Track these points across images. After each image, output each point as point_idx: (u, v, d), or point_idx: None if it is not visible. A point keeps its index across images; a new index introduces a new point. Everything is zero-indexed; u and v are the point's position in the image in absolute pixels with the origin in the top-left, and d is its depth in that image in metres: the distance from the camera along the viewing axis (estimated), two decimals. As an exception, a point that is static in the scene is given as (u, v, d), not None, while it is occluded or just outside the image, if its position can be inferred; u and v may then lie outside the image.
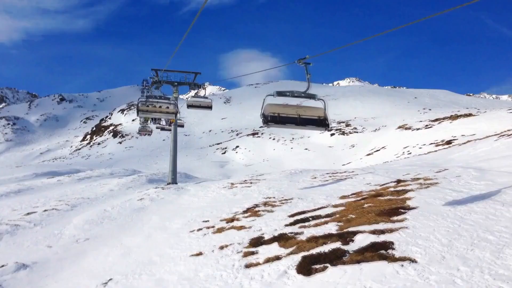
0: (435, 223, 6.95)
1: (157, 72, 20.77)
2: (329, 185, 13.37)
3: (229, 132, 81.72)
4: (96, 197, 18.37)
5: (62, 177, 26.91)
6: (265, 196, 13.24)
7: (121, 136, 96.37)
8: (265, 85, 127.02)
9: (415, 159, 21.24)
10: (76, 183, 24.80)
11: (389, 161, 26.26)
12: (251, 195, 14.04)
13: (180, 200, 15.73)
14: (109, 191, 20.01)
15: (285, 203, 11.54)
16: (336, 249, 6.81)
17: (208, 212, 12.59)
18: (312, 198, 11.54)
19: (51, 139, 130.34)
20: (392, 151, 43.32)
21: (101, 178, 27.40)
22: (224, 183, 17.55)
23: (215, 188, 16.62)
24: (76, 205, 16.58)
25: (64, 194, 19.70)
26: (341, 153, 54.88)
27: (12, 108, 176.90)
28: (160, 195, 16.83)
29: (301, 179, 15.73)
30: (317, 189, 13.03)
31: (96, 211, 15.09)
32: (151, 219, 13.51)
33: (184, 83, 20.83)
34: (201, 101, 21.07)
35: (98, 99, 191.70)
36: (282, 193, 13.26)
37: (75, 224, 13.67)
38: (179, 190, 17.62)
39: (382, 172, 14.14)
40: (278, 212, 10.56)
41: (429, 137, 41.94)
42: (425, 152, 37.77)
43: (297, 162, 55.40)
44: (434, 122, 48.62)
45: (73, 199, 17.79)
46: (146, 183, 23.71)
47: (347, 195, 10.93)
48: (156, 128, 33.30)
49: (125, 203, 16.12)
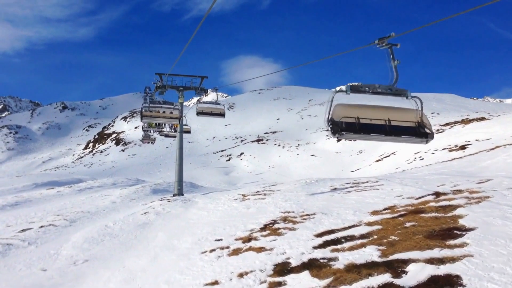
0: (507, 250, 5.68)
1: (161, 76, 19.59)
2: (353, 197, 12.10)
3: (233, 139, 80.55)
4: (97, 210, 17.12)
5: (62, 188, 25.72)
6: (283, 210, 11.97)
7: (124, 144, 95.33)
8: (268, 91, 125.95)
9: (439, 167, 19.93)
10: (77, 195, 23.60)
11: (409, 169, 24.93)
12: (266, 208, 12.77)
13: (188, 214, 14.47)
14: (111, 203, 18.77)
15: (307, 219, 10.28)
16: (387, 284, 5.54)
17: (221, 229, 11.34)
18: (337, 213, 10.28)
19: (53, 148, 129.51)
20: (403, 157, 41.96)
21: (103, 189, 26.21)
22: (235, 195, 16.28)
23: (226, 200, 15.36)
24: (75, 220, 15.34)
25: (63, 207, 18.48)
26: (349, 159, 53.56)
27: (14, 116, 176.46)
28: (166, 208, 15.58)
29: (319, 189, 14.47)
30: (340, 202, 11.76)
31: (96, 227, 13.85)
32: (157, 236, 12.26)
33: (190, 87, 19.63)
34: (213, 108, 19.57)
35: (101, 106, 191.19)
36: (301, 207, 11.99)
37: (74, 242, 12.42)
38: (186, 202, 16.36)
39: (411, 182, 12.86)
40: (302, 230, 9.30)
41: (441, 142, 40.55)
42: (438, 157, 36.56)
43: (304, 169, 54.14)
44: (445, 127, 47.27)
45: (72, 213, 16.56)
46: (151, 194, 22.49)
47: (379, 210, 9.66)
48: (160, 136, 32.18)
49: (128, 217, 14.88)
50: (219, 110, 19.65)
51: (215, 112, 19.69)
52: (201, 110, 18.30)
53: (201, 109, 18.56)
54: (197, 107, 18.25)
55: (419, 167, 25.49)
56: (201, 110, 18.29)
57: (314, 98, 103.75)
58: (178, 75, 19.58)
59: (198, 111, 18.24)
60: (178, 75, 19.61)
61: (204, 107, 18.98)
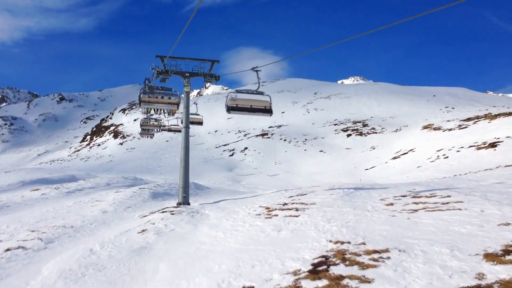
0: None
1: (163, 60, 16.19)
2: (426, 220, 8.81)
3: (236, 133, 77.17)
4: (82, 224, 13.81)
5: (48, 190, 22.43)
6: (332, 238, 8.69)
7: (122, 136, 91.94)
8: (272, 83, 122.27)
9: (501, 171, 16.54)
10: (63, 198, 20.34)
11: (462, 174, 21.52)
12: (305, 232, 9.48)
13: (197, 234, 11.18)
14: (101, 213, 15.47)
15: (379, 259, 6.98)
16: None
17: (247, 266, 8.06)
18: (422, 250, 7.02)
19: (49, 140, 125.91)
20: (423, 155, 38.65)
21: (95, 191, 22.95)
22: (256, 207, 12.96)
23: (245, 215, 12.06)
24: (53, 240, 12.04)
25: (43, 218, 15.19)
26: (361, 156, 50.22)
27: (11, 108, 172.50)
28: (169, 224, 12.27)
29: (368, 203, 11.17)
30: (412, 227, 8.48)
31: (78, 252, 10.55)
32: (158, 270, 9.00)
33: (198, 73, 16.22)
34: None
35: (99, 98, 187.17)
36: (356, 232, 8.71)
37: (45, 277, 9.14)
38: (194, 216, 13.04)
39: (496, 196, 9.57)
40: (382, 285, 6.01)
41: (466, 139, 37.27)
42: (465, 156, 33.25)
43: (313, 166, 50.81)
44: (467, 122, 43.91)
45: (52, 228, 13.25)
46: (149, 198, 19.22)
47: (495, 254, 6.36)
48: (162, 131, 28.99)
49: (121, 237, 11.58)
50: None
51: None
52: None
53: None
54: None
55: (472, 172, 22.16)
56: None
57: (320, 91, 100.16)
58: (183, 59, 16.17)
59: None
60: (184, 59, 16.19)
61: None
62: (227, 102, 14.15)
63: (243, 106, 14.16)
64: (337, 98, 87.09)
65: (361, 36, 9.79)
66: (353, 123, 65.28)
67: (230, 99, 14.09)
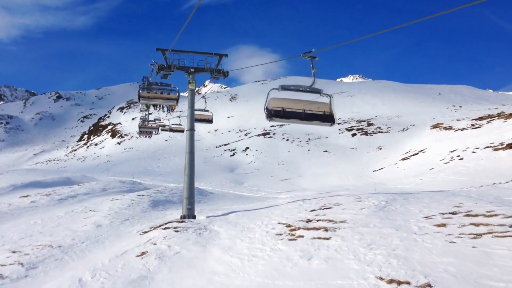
0: None
1: (165, 53, 14.32)
2: (503, 248, 7.00)
3: (237, 132, 75.31)
4: (72, 242, 11.96)
5: (38, 197, 20.57)
6: (381, 273, 6.87)
7: (120, 136, 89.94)
8: (272, 81, 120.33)
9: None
10: (54, 207, 18.51)
11: (501, 182, 19.68)
12: (343, 263, 7.67)
13: (208, 258, 9.34)
14: (94, 227, 13.62)
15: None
16: None
17: (278, 313, 6.24)
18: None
19: (46, 139, 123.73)
20: (436, 156, 36.84)
21: (90, 197, 21.11)
22: (274, 224, 11.11)
23: (263, 235, 10.22)
24: (36, 265, 10.19)
25: (28, 233, 13.35)
26: (367, 157, 48.37)
27: (7, 106, 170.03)
28: (173, 245, 10.41)
29: (412, 223, 9.34)
30: (488, 261, 6.66)
31: (64, 284, 8.71)
32: (162, 312, 7.17)
33: (204, 69, 14.34)
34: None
35: (97, 97, 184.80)
36: (412, 267, 6.89)
37: (20, 321, 7.30)
38: (201, 234, 11.19)
39: None
40: None
41: (480, 139, 35.48)
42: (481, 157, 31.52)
43: (318, 167, 48.90)
44: (480, 121, 42.11)
45: (36, 249, 11.40)
46: (149, 208, 17.37)
47: None
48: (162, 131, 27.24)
49: (116, 262, 9.73)
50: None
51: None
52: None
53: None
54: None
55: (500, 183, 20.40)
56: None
57: (322, 89, 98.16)
58: (187, 52, 14.27)
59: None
60: (188, 52, 14.29)
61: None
62: (268, 104, 9.78)
63: (292, 111, 9.73)
64: (340, 97, 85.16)
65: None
66: (357, 122, 63.49)
67: (272, 100, 9.74)
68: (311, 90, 9.92)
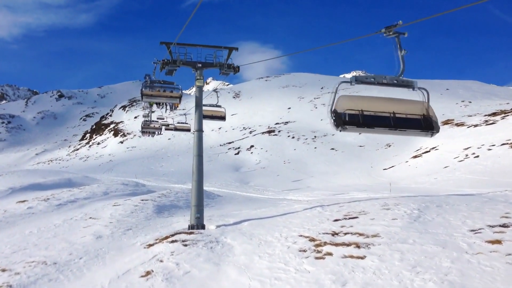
0: None
1: (169, 47, 13.08)
2: None
3: (241, 130, 74.07)
4: (69, 258, 10.75)
5: (35, 203, 19.41)
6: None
7: (123, 135, 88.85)
8: (276, 78, 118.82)
9: None
10: (52, 213, 17.37)
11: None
12: (387, 292, 6.43)
13: (223, 281, 8.13)
14: (94, 239, 12.42)
15: None
16: None
17: None
18: None
19: (48, 139, 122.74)
20: (449, 153, 35.44)
21: (90, 202, 19.95)
22: (293, 235, 9.87)
23: (284, 251, 8.99)
24: (27, 287, 8.99)
25: (21, 246, 12.17)
26: (376, 154, 47.07)
27: (8, 105, 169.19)
28: (182, 263, 9.19)
29: (458, 237, 8.09)
30: None
31: (57, 313, 7.51)
32: None
33: (213, 64, 13.12)
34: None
35: (99, 95, 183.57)
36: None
37: None
38: (213, 248, 9.95)
39: None
40: None
41: (496, 136, 34.08)
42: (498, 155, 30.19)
43: (325, 165, 47.62)
44: (494, 117, 40.70)
45: (29, 266, 10.20)
46: (154, 214, 16.17)
47: None
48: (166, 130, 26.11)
49: (118, 284, 8.54)
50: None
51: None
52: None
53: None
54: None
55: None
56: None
57: (326, 85, 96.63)
58: (194, 45, 13.05)
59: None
60: (195, 45, 13.06)
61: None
62: (337, 105, 6.86)
63: (376, 115, 6.78)
64: (345, 93, 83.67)
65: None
66: (364, 119, 62.14)
67: (343, 100, 6.87)
68: (400, 83, 6.94)
